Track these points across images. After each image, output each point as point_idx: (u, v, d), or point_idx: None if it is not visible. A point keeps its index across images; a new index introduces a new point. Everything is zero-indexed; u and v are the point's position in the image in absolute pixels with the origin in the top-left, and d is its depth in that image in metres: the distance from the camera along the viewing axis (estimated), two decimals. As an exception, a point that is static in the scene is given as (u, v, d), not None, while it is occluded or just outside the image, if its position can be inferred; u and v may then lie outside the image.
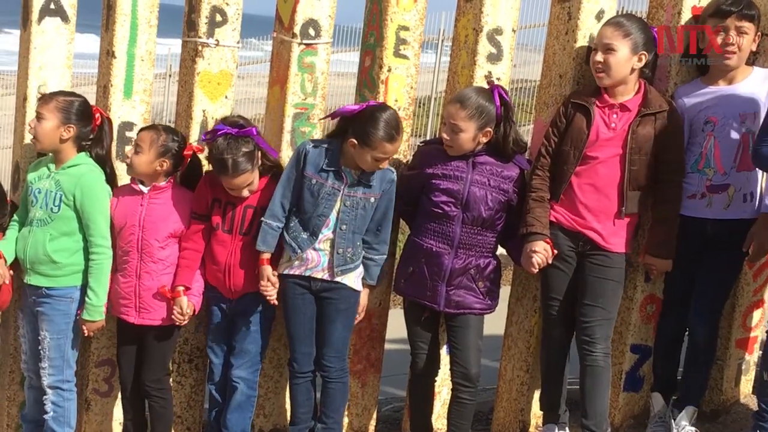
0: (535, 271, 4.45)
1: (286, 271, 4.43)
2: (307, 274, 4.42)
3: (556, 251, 4.43)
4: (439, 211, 4.40)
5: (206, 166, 4.50)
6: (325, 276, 4.42)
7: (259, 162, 4.34)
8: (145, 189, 4.39)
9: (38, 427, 4.51)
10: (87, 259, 4.35)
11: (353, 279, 4.48)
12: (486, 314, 4.56)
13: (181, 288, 4.40)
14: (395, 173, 4.45)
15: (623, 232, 4.49)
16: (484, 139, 4.36)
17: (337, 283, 4.43)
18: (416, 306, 4.56)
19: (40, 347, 4.39)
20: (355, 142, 4.26)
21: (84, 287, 4.36)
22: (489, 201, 4.38)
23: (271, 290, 4.41)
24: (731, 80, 4.54)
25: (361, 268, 4.50)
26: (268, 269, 4.39)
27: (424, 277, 4.47)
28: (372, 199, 4.39)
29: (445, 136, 4.37)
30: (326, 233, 4.38)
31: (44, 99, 4.27)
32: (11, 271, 4.33)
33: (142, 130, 4.41)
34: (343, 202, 4.36)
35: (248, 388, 4.57)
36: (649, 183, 4.47)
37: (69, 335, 4.40)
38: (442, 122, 4.47)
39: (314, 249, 4.38)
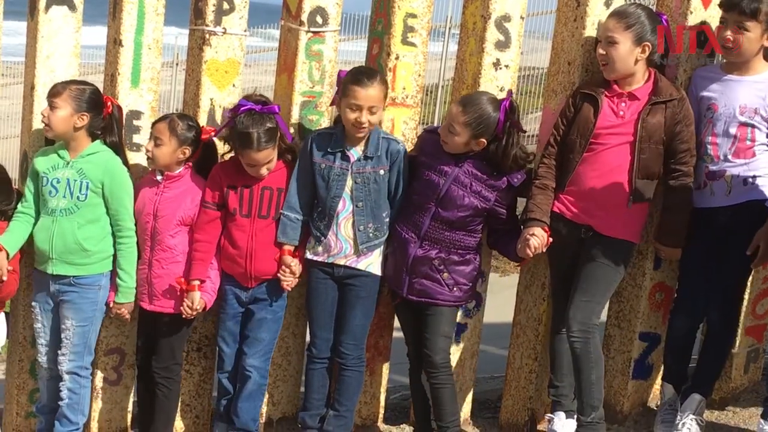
0: (531, 255, 4.42)
1: (310, 257, 4.48)
2: (330, 260, 4.46)
3: (552, 239, 4.41)
4: (417, 198, 4.42)
5: (221, 150, 4.53)
6: (348, 262, 4.46)
7: (277, 141, 4.37)
8: (160, 178, 4.42)
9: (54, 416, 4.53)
10: (114, 244, 4.40)
11: (378, 263, 4.50)
12: (452, 306, 4.54)
13: (196, 282, 4.42)
14: (402, 144, 4.47)
15: (630, 221, 4.48)
16: (477, 148, 4.36)
17: (360, 270, 4.46)
18: (393, 291, 4.61)
19: (63, 335, 4.41)
20: (338, 98, 4.35)
21: (109, 274, 4.43)
22: (465, 203, 4.37)
23: (289, 278, 4.45)
24: (744, 72, 4.51)
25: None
26: (285, 258, 4.43)
27: (393, 261, 4.50)
28: (382, 172, 4.42)
29: (441, 132, 4.39)
30: (345, 215, 4.41)
31: (56, 89, 4.27)
32: (10, 267, 4.31)
33: (157, 122, 4.42)
34: (354, 180, 4.40)
35: (260, 377, 4.60)
36: (658, 171, 4.46)
37: (94, 322, 4.45)
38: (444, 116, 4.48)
39: (336, 236, 4.41)
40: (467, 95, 4.51)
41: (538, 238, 4.37)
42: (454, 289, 4.48)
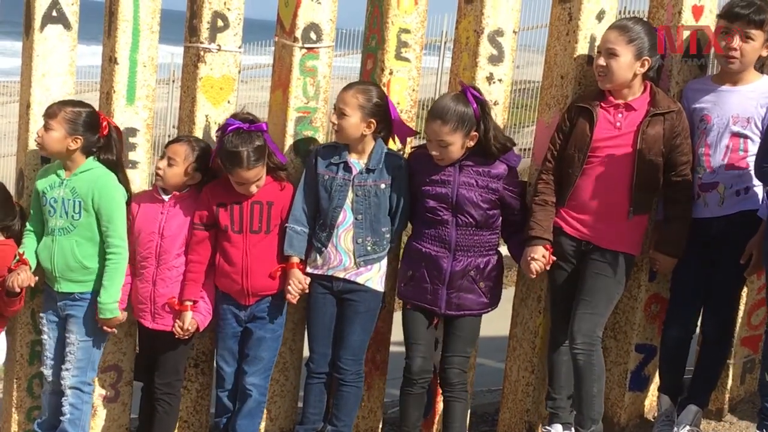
0: (534, 276, 4.47)
1: (310, 270, 4.50)
2: (329, 273, 4.47)
3: (554, 258, 4.44)
4: (433, 216, 4.43)
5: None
6: (347, 276, 4.47)
7: (266, 159, 4.39)
8: (166, 197, 4.43)
9: None
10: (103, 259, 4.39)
11: (377, 279, 4.51)
12: (486, 312, 4.59)
13: (189, 302, 4.43)
14: (404, 160, 4.50)
15: (630, 233, 4.49)
16: (472, 143, 4.38)
17: (359, 285, 4.48)
18: (423, 312, 4.56)
19: (67, 350, 4.43)
20: None
21: None
22: (479, 201, 4.40)
23: (296, 292, 4.45)
24: (736, 82, 4.53)
25: (385, 267, 4.54)
26: (296, 272, 4.45)
27: (424, 280, 4.49)
28: (383, 186, 4.44)
29: (434, 153, 4.39)
30: (345, 227, 4.43)
31: (52, 110, 4.29)
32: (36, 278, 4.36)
33: (174, 142, 4.44)
34: (355, 192, 4.42)
35: (260, 395, 4.61)
36: (658, 183, 4.47)
37: (98, 338, 4.46)
38: (427, 139, 4.44)
39: (335, 248, 4.43)
40: (432, 109, 4.42)
41: (539, 263, 4.41)
42: (489, 295, 4.53)
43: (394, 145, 4.64)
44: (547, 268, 4.44)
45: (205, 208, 4.45)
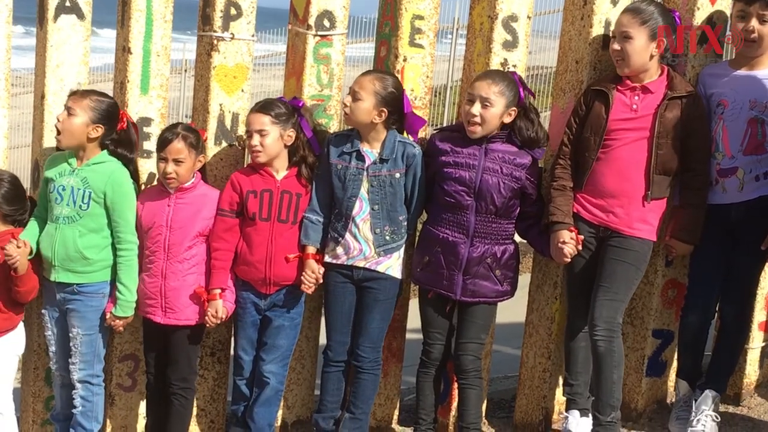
0: (567, 260, 4.45)
1: (329, 260, 4.49)
2: (350, 263, 4.47)
3: (582, 237, 4.43)
4: (452, 200, 4.41)
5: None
6: (367, 265, 4.47)
7: (289, 141, 4.38)
8: (171, 189, 4.40)
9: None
10: (115, 255, 4.37)
11: (397, 266, 4.51)
12: (502, 301, 4.58)
13: (218, 291, 4.42)
14: (417, 148, 4.47)
15: (648, 218, 4.46)
16: (508, 119, 4.36)
17: (380, 273, 4.48)
18: (438, 297, 4.56)
19: (71, 344, 4.41)
20: None
21: (113, 282, 4.39)
22: (501, 189, 4.38)
23: (311, 282, 4.46)
24: (753, 66, 4.51)
25: (403, 254, 4.54)
26: (311, 263, 4.45)
27: (440, 266, 4.48)
28: (397, 175, 4.43)
29: (473, 111, 4.35)
30: (362, 217, 4.43)
31: (77, 95, 4.29)
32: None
33: (169, 143, 4.31)
34: (370, 183, 4.41)
35: (278, 383, 4.61)
36: (675, 167, 4.45)
37: (101, 330, 4.43)
38: (464, 101, 4.44)
39: (355, 238, 4.43)
40: (485, 71, 4.52)
41: (570, 246, 4.40)
42: (504, 283, 4.51)
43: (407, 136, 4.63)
44: (579, 248, 4.42)
45: (235, 195, 4.43)
